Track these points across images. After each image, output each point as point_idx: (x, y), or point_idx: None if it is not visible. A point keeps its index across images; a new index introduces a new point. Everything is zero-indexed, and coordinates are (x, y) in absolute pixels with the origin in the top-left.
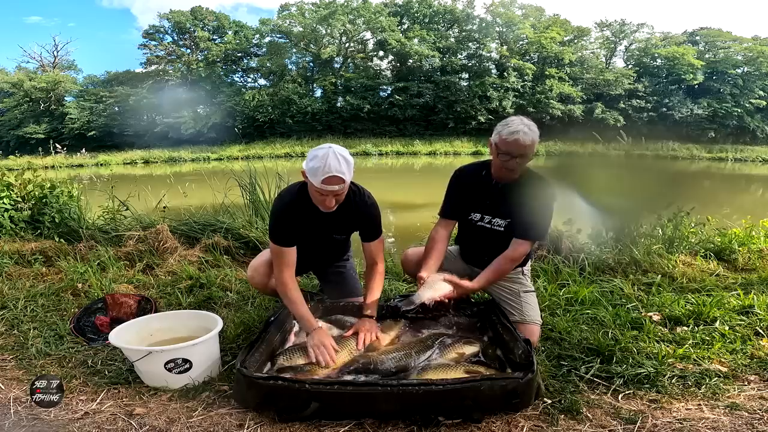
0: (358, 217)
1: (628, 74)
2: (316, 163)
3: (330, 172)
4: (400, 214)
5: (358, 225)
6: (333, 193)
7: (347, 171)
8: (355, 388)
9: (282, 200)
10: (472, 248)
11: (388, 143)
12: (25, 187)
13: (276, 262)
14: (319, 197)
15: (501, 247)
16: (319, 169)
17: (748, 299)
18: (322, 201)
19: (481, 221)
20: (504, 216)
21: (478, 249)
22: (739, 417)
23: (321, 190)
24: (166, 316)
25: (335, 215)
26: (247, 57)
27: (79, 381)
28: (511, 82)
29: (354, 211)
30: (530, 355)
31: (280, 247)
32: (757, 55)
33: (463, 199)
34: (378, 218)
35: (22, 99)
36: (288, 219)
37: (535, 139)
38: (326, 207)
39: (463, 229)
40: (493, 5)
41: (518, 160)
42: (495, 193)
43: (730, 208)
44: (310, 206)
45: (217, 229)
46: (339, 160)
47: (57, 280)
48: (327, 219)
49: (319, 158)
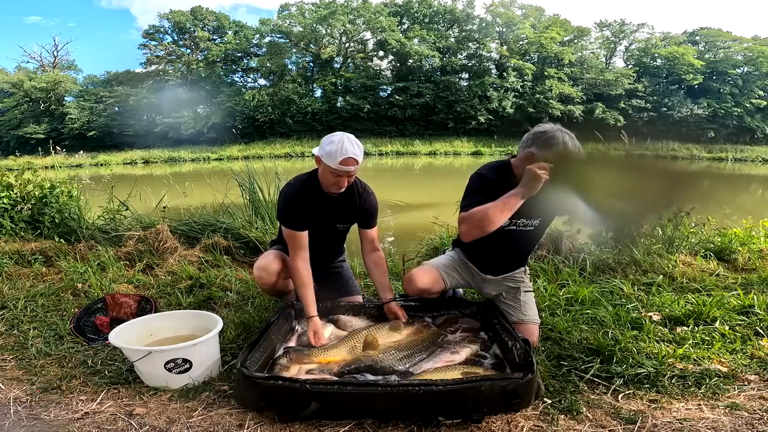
0: (361, 206)
1: (628, 74)
2: (333, 147)
3: (347, 154)
4: (400, 214)
5: (361, 214)
6: (347, 174)
7: (360, 154)
8: (355, 388)
9: (292, 187)
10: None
11: (388, 143)
12: (25, 187)
13: (290, 245)
14: (334, 179)
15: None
16: (337, 152)
17: (748, 299)
18: (336, 182)
19: (509, 225)
20: (531, 216)
21: (499, 253)
22: (739, 417)
23: (337, 170)
24: (166, 316)
25: (341, 203)
26: (247, 57)
27: (79, 381)
28: (511, 82)
29: (358, 200)
30: (529, 355)
31: (293, 231)
32: (757, 55)
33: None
34: (376, 206)
35: (22, 99)
36: (299, 203)
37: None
38: (339, 188)
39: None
40: (493, 5)
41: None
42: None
43: (730, 208)
44: (318, 193)
45: (217, 229)
46: (353, 144)
47: (57, 280)
48: (334, 206)
49: (335, 143)
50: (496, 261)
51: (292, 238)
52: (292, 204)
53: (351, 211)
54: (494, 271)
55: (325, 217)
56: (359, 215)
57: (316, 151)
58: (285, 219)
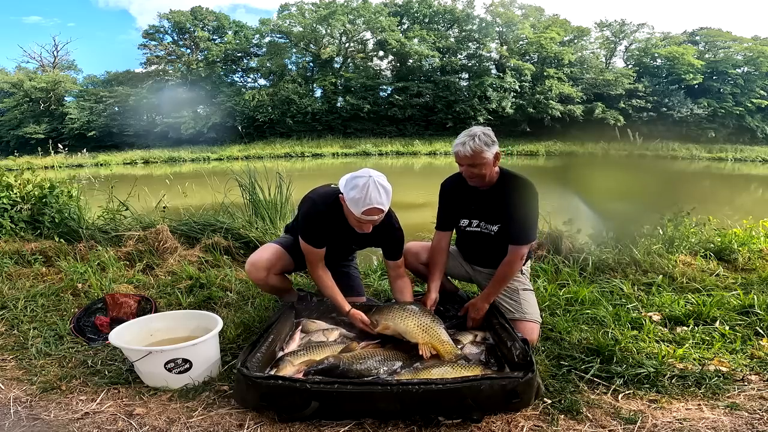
0: (383, 238)
1: (628, 74)
2: (356, 194)
3: (371, 204)
4: (400, 214)
5: (381, 244)
6: (372, 222)
7: (386, 202)
8: (354, 388)
9: (316, 208)
10: (469, 251)
11: (388, 143)
12: (25, 187)
13: (308, 259)
14: (357, 224)
15: (495, 247)
16: (360, 200)
17: (748, 299)
18: (359, 227)
19: (470, 226)
20: (493, 221)
21: (474, 251)
22: (739, 417)
23: (360, 219)
24: (166, 316)
25: (365, 235)
26: (247, 57)
27: (79, 381)
28: (511, 83)
29: (380, 233)
30: (528, 355)
31: (311, 248)
32: (757, 55)
33: (451, 208)
34: (403, 241)
35: (22, 99)
36: (320, 226)
37: (477, 147)
38: (362, 230)
39: (458, 234)
40: (493, 5)
41: (473, 170)
42: (477, 198)
43: (730, 208)
44: (341, 220)
45: (217, 229)
46: (379, 191)
47: (57, 280)
48: (357, 236)
49: (360, 188)
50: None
51: (310, 253)
52: (315, 226)
53: (372, 241)
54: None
55: (343, 240)
56: (379, 245)
57: (342, 188)
58: (306, 237)
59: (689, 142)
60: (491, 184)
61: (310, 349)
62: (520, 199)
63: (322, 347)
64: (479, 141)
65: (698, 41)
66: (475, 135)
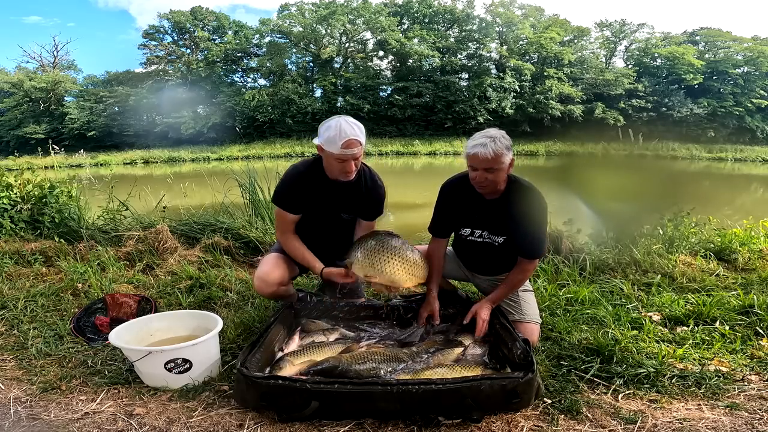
0: (367, 196)
1: (628, 74)
2: (331, 132)
3: (347, 137)
4: (400, 214)
5: (366, 204)
6: (353, 157)
7: (361, 134)
8: (354, 388)
9: (295, 168)
10: (471, 259)
11: (388, 143)
12: (25, 187)
13: (278, 226)
14: (340, 165)
15: (500, 257)
16: (336, 137)
17: (748, 299)
18: (343, 168)
19: (472, 236)
20: (499, 232)
21: (477, 260)
22: (739, 417)
23: (341, 155)
24: (166, 316)
25: (346, 191)
26: (247, 57)
27: (79, 381)
28: (511, 83)
29: (364, 190)
30: (529, 355)
31: (284, 212)
32: (757, 55)
33: (452, 215)
34: (384, 199)
35: (22, 99)
36: (297, 186)
37: (498, 150)
38: (347, 173)
39: (458, 241)
40: (493, 5)
41: (488, 175)
42: (483, 207)
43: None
44: (322, 178)
45: (217, 229)
46: (351, 125)
47: (57, 280)
48: (338, 193)
49: (333, 127)
50: (475, 264)
51: (281, 219)
52: (290, 184)
53: (356, 201)
54: (479, 271)
55: (328, 205)
56: (364, 206)
57: (317, 140)
58: (279, 198)
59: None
60: (500, 192)
61: (311, 350)
62: (531, 211)
63: (323, 347)
64: (500, 144)
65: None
66: (495, 137)
